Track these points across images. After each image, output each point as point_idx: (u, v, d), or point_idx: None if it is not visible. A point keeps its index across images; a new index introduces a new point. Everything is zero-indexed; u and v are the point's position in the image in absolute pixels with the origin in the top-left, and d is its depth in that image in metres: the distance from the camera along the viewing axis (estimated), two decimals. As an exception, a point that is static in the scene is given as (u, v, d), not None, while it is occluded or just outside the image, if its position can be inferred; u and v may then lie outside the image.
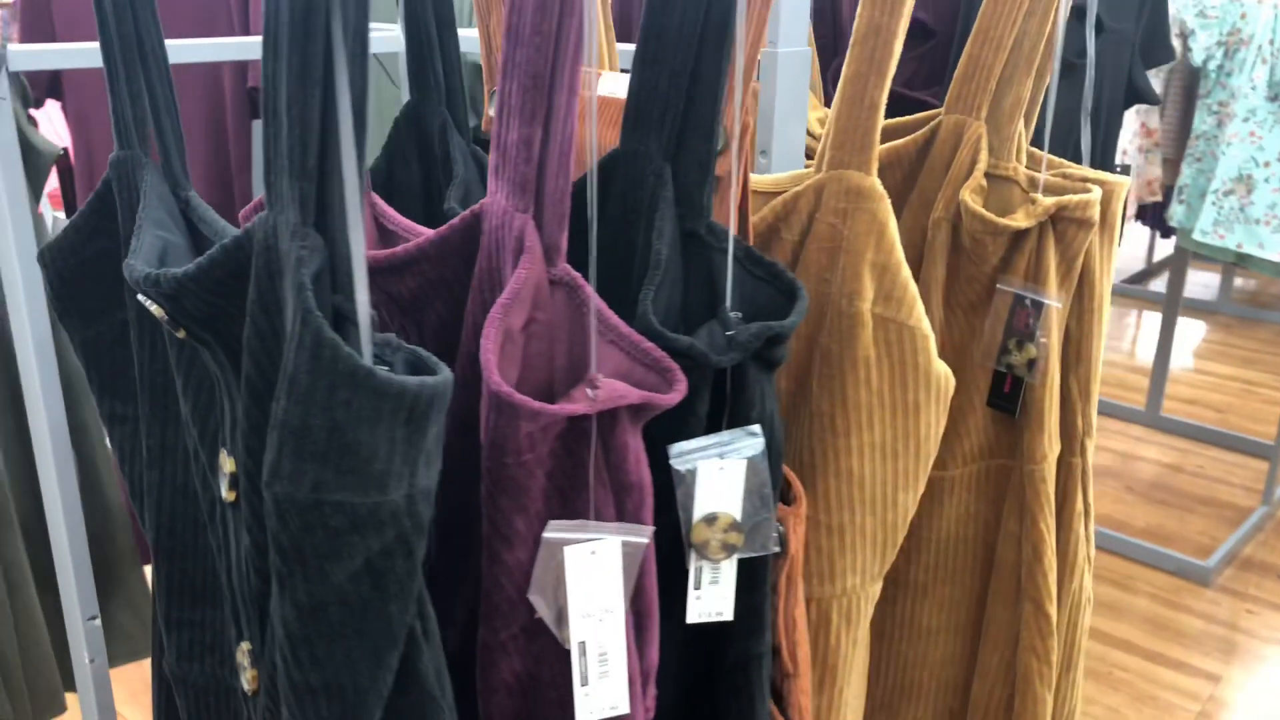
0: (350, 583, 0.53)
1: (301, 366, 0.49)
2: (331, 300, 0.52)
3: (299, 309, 0.49)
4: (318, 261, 0.50)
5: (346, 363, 0.49)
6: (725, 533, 0.72)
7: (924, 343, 0.85)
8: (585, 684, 0.65)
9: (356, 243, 0.50)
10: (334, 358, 0.48)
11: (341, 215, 0.50)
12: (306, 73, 0.48)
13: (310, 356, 0.48)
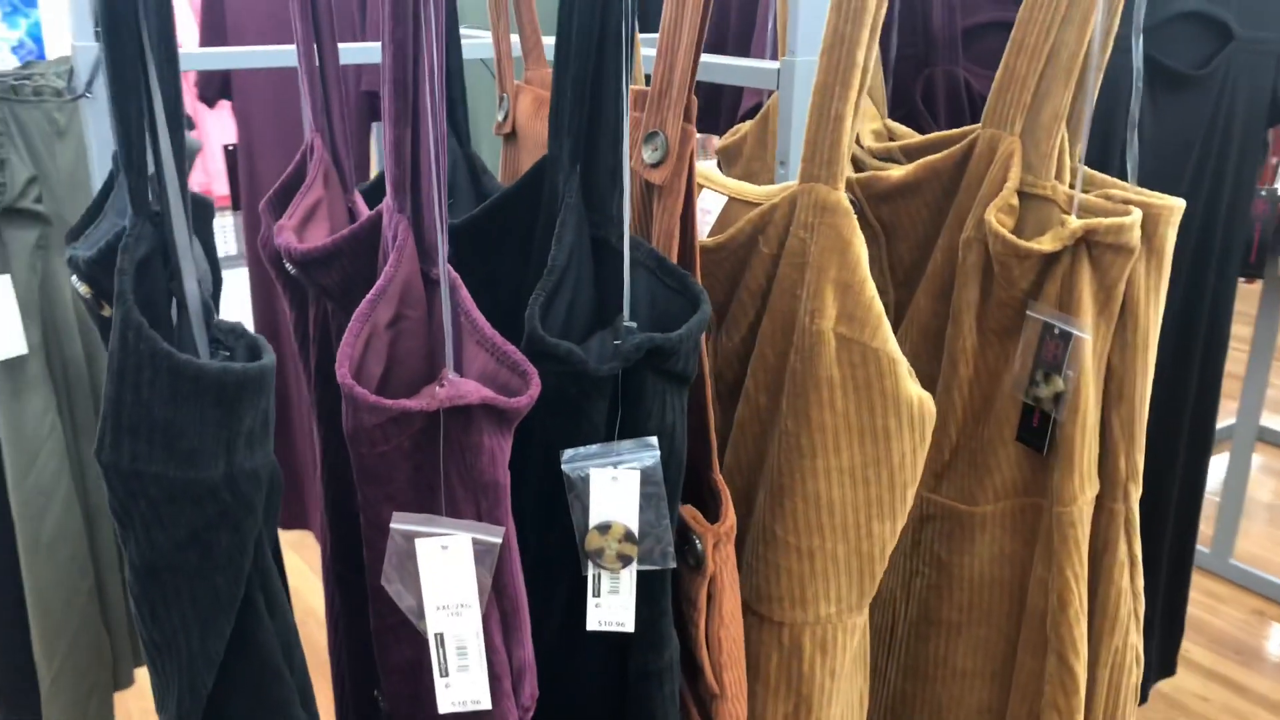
0: (178, 551, 0.58)
1: (114, 346, 0.53)
2: (168, 286, 0.57)
3: (116, 292, 0.54)
4: (144, 248, 0.55)
5: (149, 344, 0.53)
6: (620, 543, 0.72)
7: (890, 366, 0.81)
8: (445, 675, 0.66)
9: (180, 231, 0.54)
10: (138, 339, 0.53)
11: (165, 205, 0.55)
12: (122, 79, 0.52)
13: (119, 337, 0.53)
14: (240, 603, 0.60)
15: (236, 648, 0.61)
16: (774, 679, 0.91)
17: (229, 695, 0.61)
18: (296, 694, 0.64)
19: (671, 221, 0.76)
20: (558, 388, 0.68)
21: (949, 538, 1.06)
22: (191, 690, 0.60)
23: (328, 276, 0.73)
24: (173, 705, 0.61)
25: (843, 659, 0.92)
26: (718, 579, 0.78)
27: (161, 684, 0.62)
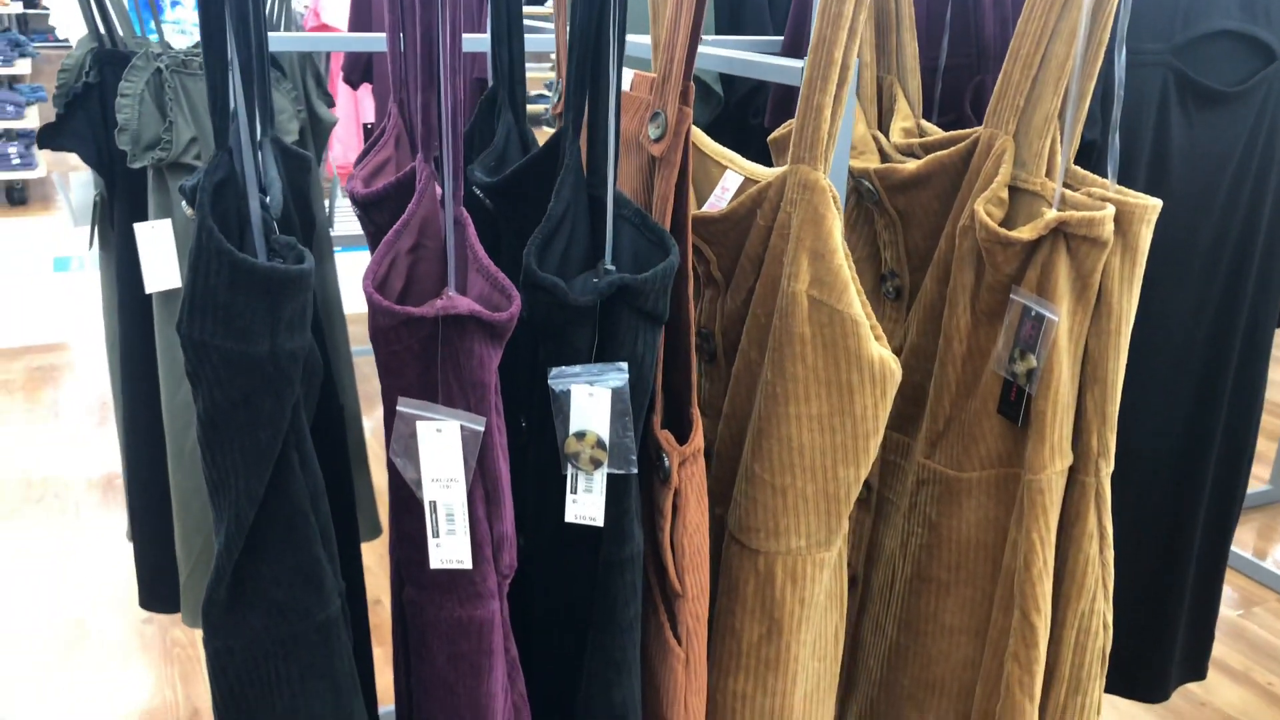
0: (232, 409, 0.75)
1: (192, 245, 0.71)
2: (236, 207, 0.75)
3: (196, 204, 0.72)
4: (220, 174, 0.73)
5: (216, 243, 0.71)
6: (593, 449, 0.86)
7: (854, 327, 0.93)
8: (436, 536, 0.83)
9: (246, 164, 0.72)
10: (209, 239, 0.71)
11: (238, 143, 0.72)
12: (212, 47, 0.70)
13: (196, 237, 0.71)
14: (278, 456, 0.78)
15: (273, 491, 0.78)
16: (750, 602, 1.04)
17: (265, 528, 0.79)
18: (319, 534, 0.81)
19: (668, 188, 0.90)
20: (547, 316, 0.84)
21: (939, 501, 1.16)
22: (237, 520, 0.78)
23: (381, 216, 0.90)
24: (223, 533, 0.79)
25: (813, 590, 1.03)
26: (682, 493, 0.92)
27: (217, 517, 0.80)
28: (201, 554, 1.69)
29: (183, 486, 1.58)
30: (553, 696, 0.97)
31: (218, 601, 0.80)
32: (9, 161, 5.45)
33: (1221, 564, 1.52)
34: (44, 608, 2.44)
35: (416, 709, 0.92)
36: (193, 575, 1.70)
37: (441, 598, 0.86)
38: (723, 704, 1.07)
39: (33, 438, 3.25)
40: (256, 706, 0.82)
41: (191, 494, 1.59)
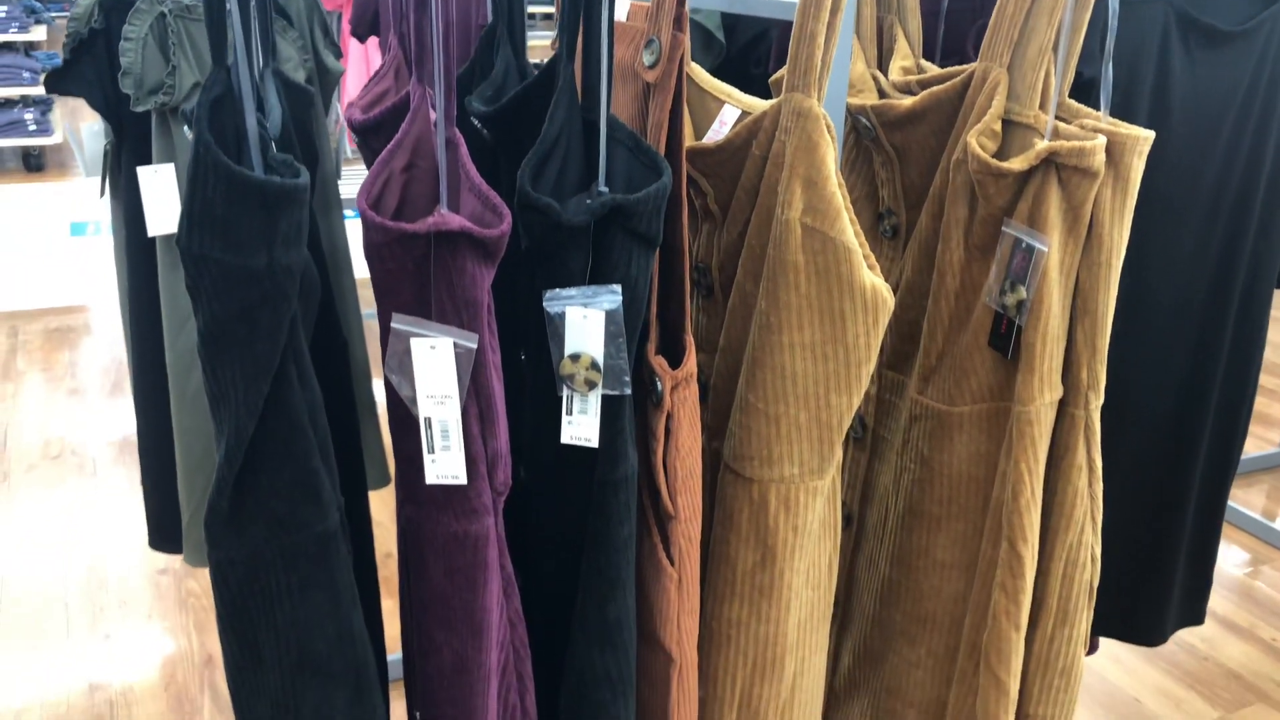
0: (231, 322, 0.77)
1: (190, 159, 0.73)
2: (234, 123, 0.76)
3: (194, 118, 0.73)
4: (217, 90, 0.75)
5: (213, 156, 0.72)
6: (587, 370, 0.88)
7: (846, 254, 0.94)
8: (432, 452, 0.84)
9: (242, 77, 0.74)
10: (206, 152, 0.72)
11: (235, 60, 0.74)
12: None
13: (193, 151, 0.73)
14: (276, 370, 0.80)
15: (272, 405, 0.81)
16: (744, 530, 1.05)
17: (264, 441, 0.81)
18: (316, 448, 0.83)
19: (662, 114, 0.91)
20: (541, 237, 0.85)
21: (932, 437, 1.17)
22: (237, 432, 0.80)
23: (379, 142, 0.91)
24: (223, 446, 0.81)
25: (806, 518, 1.05)
26: (675, 416, 0.94)
27: (218, 430, 0.82)
28: (203, 495, 1.72)
29: (185, 428, 1.61)
30: (550, 614, 0.99)
31: (219, 513, 0.82)
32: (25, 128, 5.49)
33: (1220, 509, 1.53)
34: (61, 559, 2.49)
35: (416, 627, 0.95)
36: (195, 516, 1.73)
37: (438, 514, 0.88)
38: (718, 631, 1.09)
39: (50, 397, 3.30)
40: (258, 617, 0.85)
41: (194, 436, 1.61)
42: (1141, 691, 2.14)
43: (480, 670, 0.90)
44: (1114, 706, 2.09)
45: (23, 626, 2.25)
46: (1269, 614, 2.41)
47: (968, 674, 1.18)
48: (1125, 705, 2.10)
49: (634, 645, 0.96)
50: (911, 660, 1.25)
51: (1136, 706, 2.09)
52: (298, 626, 0.85)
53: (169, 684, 2.10)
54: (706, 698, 1.10)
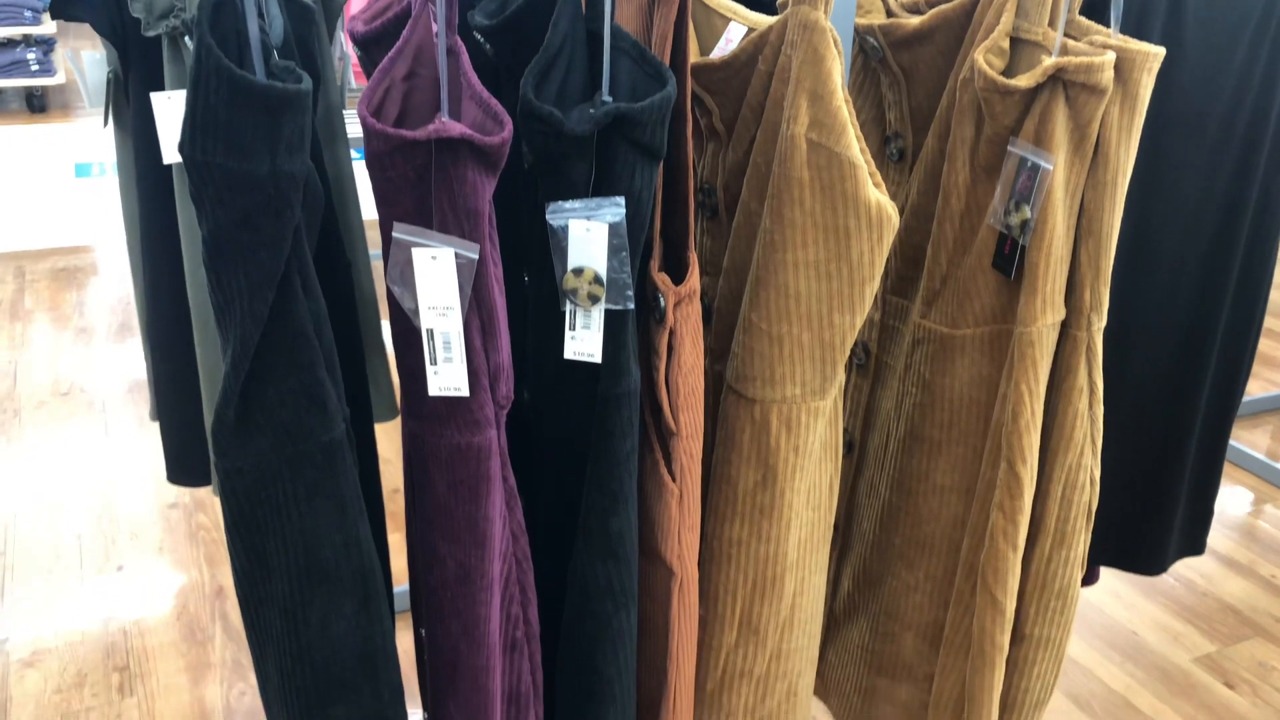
0: (234, 229, 0.78)
1: (192, 64, 0.73)
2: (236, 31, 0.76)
3: (195, 23, 0.73)
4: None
5: (215, 60, 0.72)
6: (590, 284, 0.88)
7: (852, 170, 0.94)
8: (434, 364, 0.85)
9: (243, -15, 0.73)
10: (208, 56, 0.72)
11: (235, -32, 0.73)
12: None
13: (195, 56, 0.72)
14: (280, 279, 0.80)
15: (276, 313, 0.81)
16: (746, 450, 1.06)
17: (269, 350, 0.81)
18: (322, 358, 0.84)
19: (667, 26, 0.90)
20: (544, 148, 0.85)
21: (934, 360, 1.17)
22: (242, 341, 0.81)
23: (379, 54, 0.90)
24: (229, 355, 0.82)
25: (807, 438, 1.06)
26: (677, 332, 0.94)
27: (224, 339, 0.82)
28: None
29: (208, 360, 1.61)
30: (553, 529, 1.00)
31: (226, 423, 0.83)
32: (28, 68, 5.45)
33: (1224, 437, 1.53)
34: (73, 494, 2.52)
35: (420, 540, 0.96)
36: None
37: (441, 427, 0.88)
38: (719, 551, 1.10)
39: (58, 336, 3.31)
40: (265, 526, 0.86)
41: (216, 367, 1.62)
42: (1140, 625, 2.16)
43: (483, 580, 0.91)
44: (1112, 640, 2.12)
45: (37, 559, 2.28)
46: (1269, 551, 2.43)
47: (965, 595, 1.19)
48: (1123, 638, 2.12)
49: (636, 558, 0.97)
50: (910, 584, 1.27)
51: (1134, 639, 2.12)
52: (305, 535, 0.86)
53: (181, 614, 2.13)
54: (707, 616, 1.12)
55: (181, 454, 1.81)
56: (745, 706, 1.14)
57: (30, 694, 1.91)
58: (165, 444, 1.83)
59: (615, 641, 0.98)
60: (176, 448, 1.81)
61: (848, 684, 1.39)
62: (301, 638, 0.88)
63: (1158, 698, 1.97)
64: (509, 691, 0.99)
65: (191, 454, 1.79)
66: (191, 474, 1.82)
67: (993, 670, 1.17)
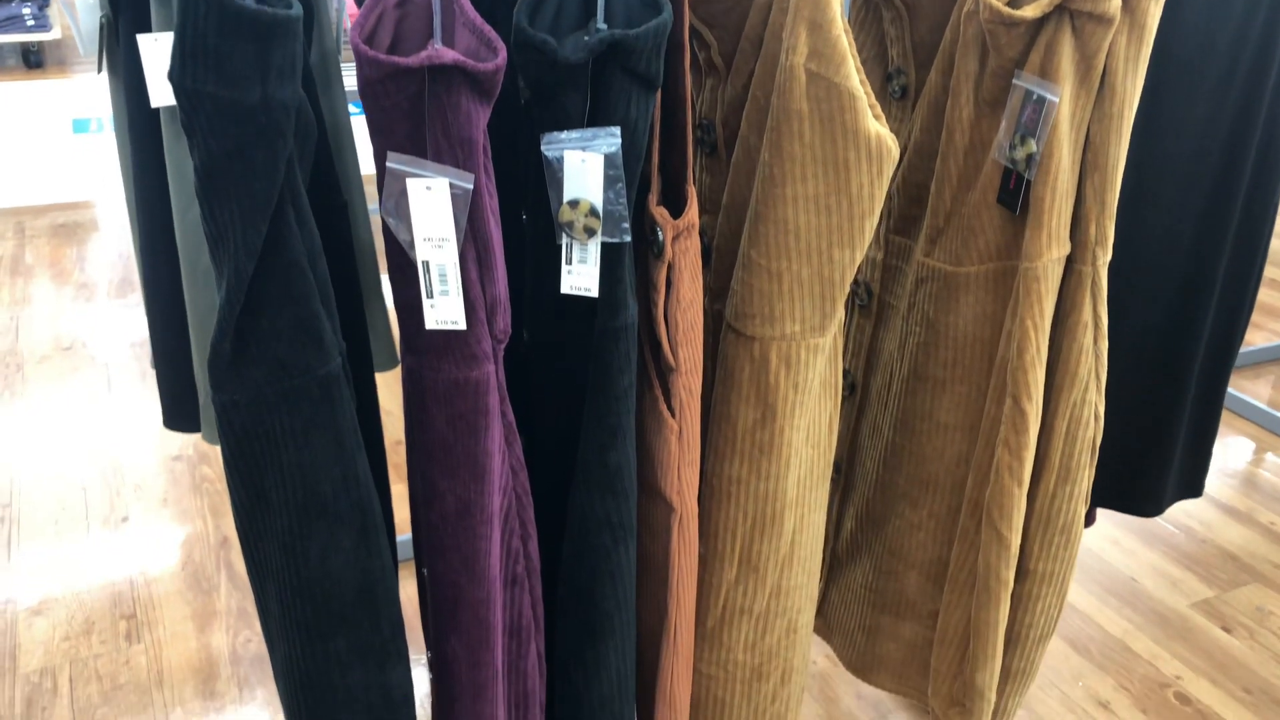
0: (226, 159, 0.77)
1: (180, -12, 0.72)
2: (224, -48, 0.74)
3: (182, -54, 0.72)
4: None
5: (204, -16, 0.71)
6: (586, 217, 0.87)
7: (851, 101, 0.92)
8: (430, 297, 0.84)
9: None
10: (197, -20, 0.71)
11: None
12: None
13: (183, -21, 0.71)
14: (274, 211, 0.79)
15: (270, 246, 0.80)
16: (745, 388, 1.06)
17: (264, 283, 0.81)
18: (317, 291, 0.83)
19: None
20: (539, 78, 0.84)
21: (937, 298, 1.17)
22: (236, 273, 0.80)
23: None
24: (224, 288, 0.81)
25: (807, 376, 1.05)
26: (675, 266, 0.93)
27: (218, 273, 0.82)
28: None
29: (197, 304, 1.61)
30: (552, 464, 1.00)
31: (222, 356, 0.83)
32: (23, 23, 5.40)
33: (1224, 379, 1.53)
34: (77, 447, 2.53)
35: (420, 477, 0.96)
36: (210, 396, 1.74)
37: (438, 361, 0.88)
38: (718, 489, 1.10)
39: (59, 291, 3.31)
40: (264, 459, 0.86)
41: (206, 312, 1.61)
42: (1138, 571, 2.17)
43: (483, 514, 0.91)
44: (1111, 586, 2.13)
45: (43, 512, 2.29)
46: (1270, 499, 2.44)
47: (969, 532, 1.19)
48: (1122, 584, 2.13)
49: (634, 493, 0.97)
50: (913, 522, 1.27)
51: (1133, 585, 2.13)
52: (303, 468, 0.86)
53: (186, 563, 2.15)
54: (707, 553, 1.12)
55: (177, 400, 1.81)
56: (745, 642, 1.15)
57: (39, 640, 1.93)
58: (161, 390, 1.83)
59: (614, 575, 0.98)
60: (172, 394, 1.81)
61: (851, 623, 1.39)
62: (301, 572, 0.89)
63: (1155, 642, 1.98)
64: (510, 625, 1.00)
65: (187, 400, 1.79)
66: (188, 420, 1.82)
67: (998, 605, 1.17)
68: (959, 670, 1.24)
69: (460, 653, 0.97)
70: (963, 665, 1.23)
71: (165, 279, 1.66)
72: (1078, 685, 1.87)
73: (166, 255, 1.62)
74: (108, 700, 1.80)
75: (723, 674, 1.17)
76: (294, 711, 0.95)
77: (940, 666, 1.26)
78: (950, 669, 1.25)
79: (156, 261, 1.66)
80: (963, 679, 1.23)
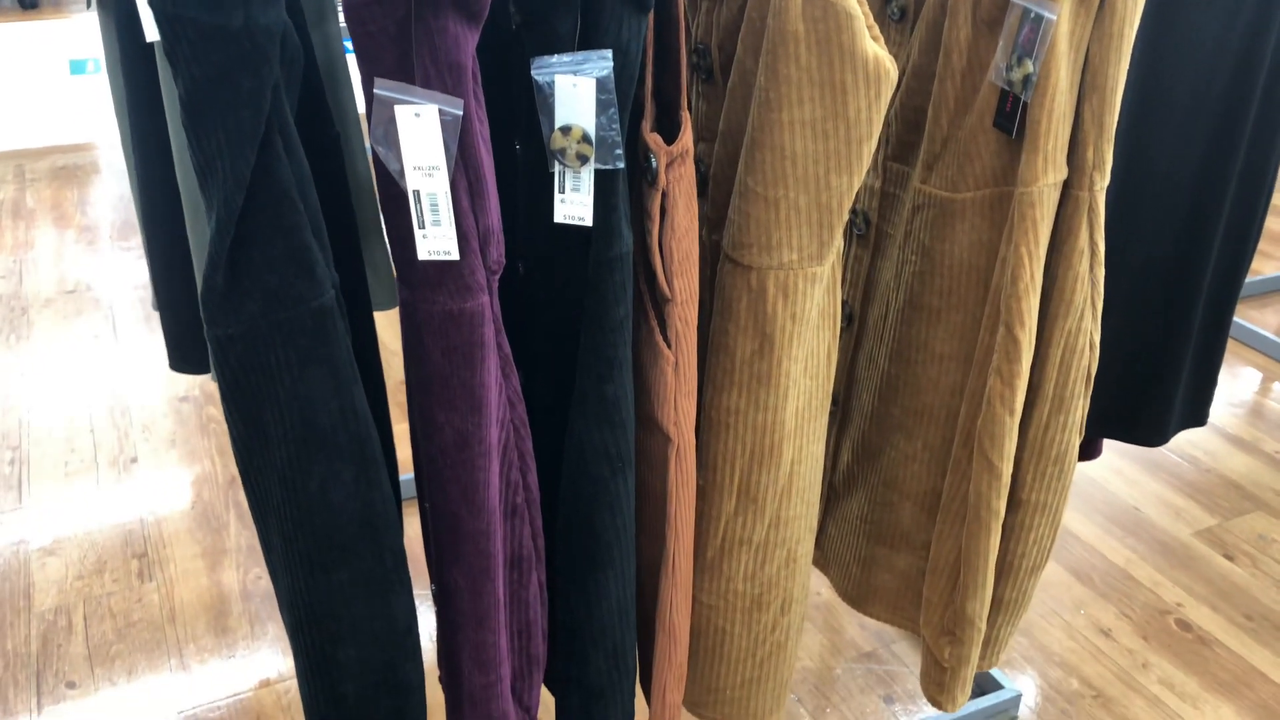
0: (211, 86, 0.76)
1: (156, -91, 0.70)
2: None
3: None
4: None
5: (180, -93, 0.69)
6: (579, 143, 0.86)
7: (847, 21, 0.91)
8: (422, 227, 0.84)
9: None
10: (172, -98, 0.69)
11: None
12: None
13: (159, -99, 0.70)
14: (261, 140, 0.79)
15: (259, 175, 0.80)
16: (743, 318, 1.05)
17: (254, 213, 0.80)
18: (308, 222, 0.83)
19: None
20: (528, 1, 0.82)
21: (933, 225, 1.15)
22: (226, 205, 0.80)
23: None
24: (214, 219, 0.81)
25: (805, 305, 1.05)
26: (670, 194, 0.92)
27: (207, 203, 0.81)
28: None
29: (200, 244, 1.60)
30: (550, 397, 1.00)
31: (215, 289, 0.82)
32: (17, -36, 5.32)
33: (1230, 307, 1.51)
34: (84, 390, 2.54)
35: (419, 410, 0.96)
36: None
37: (432, 293, 0.88)
38: (716, 420, 1.10)
39: (62, 233, 3.30)
40: (260, 393, 0.86)
41: (207, 252, 1.61)
42: (1141, 500, 2.18)
43: (481, 445, 0.91)
44: (1113, 515, 2.14)
45: (52, 454, 2.31)
46: (1275, 429, 2.44)
47: (962, 462, 1.20)
48: (1124, 513, 2.14)
49: (632, 424, 0.98)
50: (908, 453, 1.27)
51: (1135, 515, 2.14)
52: (299, 401, 0.86)
53: (195, 503, 2.17)
54: (706, 485, 1.13)
55: (181, 341, 1.82)
56: (745, 573, 1.16)
57: (52, 580, 1.96)
58: (165, 332, 1.83)
59: (613, 506, 0.99)
60: (175, 335, 1.82)
61: (847, 554, 1.40)
62: (301, 504, 0.89)
63: (1157, 570, 1.99)
64: (510, 556, 1.01)
65: (190, 341, 1.79)
66: (192, 361, 1.82)
67: (989, 535, 1.18)
68: (950, 600, 1.25)
69: (462, 583, 0.98)
70: (954, 595, 1.24)
71: (164, 220, 1.65)
72: (1079, 614, 1.89)
73: (165, 196, 1.61)
74: (122, 637, 1.83)
75: (722, 603, 1.18)
76: (300, 644, 0.97)
77: (932, 596, 1.27)
78: (942, 598, 1.26)
79: (155, 202, 1.65)
80: (954, 608, 1.24)
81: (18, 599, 1.92)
